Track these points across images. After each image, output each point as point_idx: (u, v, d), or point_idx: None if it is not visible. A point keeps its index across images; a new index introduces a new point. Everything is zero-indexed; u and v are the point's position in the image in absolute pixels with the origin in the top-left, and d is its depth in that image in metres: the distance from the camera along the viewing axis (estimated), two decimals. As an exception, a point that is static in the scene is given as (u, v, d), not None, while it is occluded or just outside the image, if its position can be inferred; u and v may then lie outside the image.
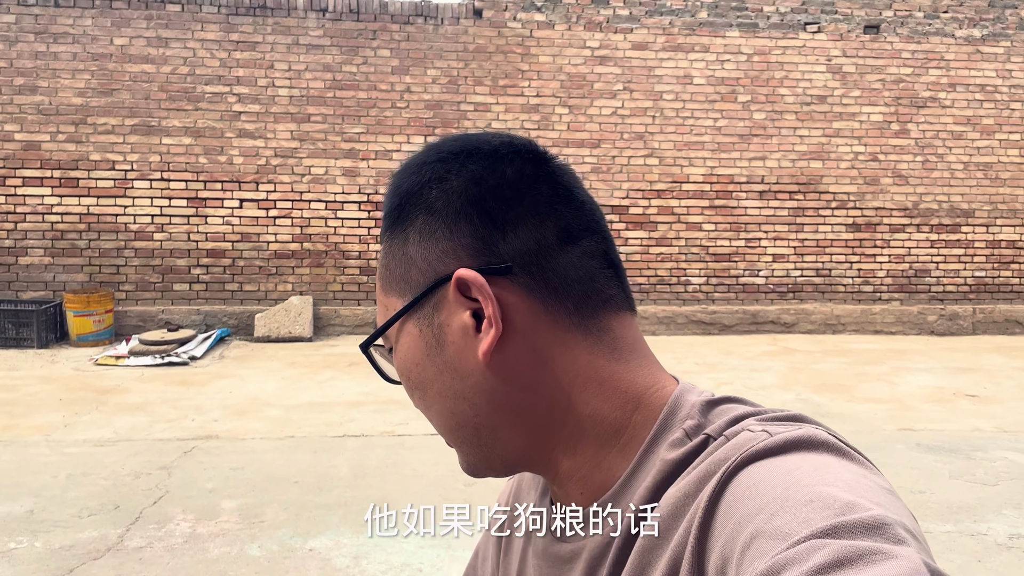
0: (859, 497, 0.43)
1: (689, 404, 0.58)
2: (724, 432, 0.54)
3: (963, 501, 3.64)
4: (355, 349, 4.12)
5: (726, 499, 0.49)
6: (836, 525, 0.41)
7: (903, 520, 0.42)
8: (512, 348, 0.58)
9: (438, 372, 0.59)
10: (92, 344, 7.08)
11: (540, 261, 0.58)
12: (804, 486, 0.45)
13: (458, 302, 0.58)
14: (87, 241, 7.50)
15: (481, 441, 0.61)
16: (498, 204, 0.59)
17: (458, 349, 0.58)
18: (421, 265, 0.60)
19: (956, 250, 8.52)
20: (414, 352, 0.60)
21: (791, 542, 0.41)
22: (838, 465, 0.48)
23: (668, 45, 8.02)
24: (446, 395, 0.60)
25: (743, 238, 8.26)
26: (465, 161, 0.61)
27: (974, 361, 7.06)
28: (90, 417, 4.95)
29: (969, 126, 8.40)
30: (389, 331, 0.62)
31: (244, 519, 3.41)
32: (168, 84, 7.48)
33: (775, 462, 0.49)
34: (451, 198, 0.60)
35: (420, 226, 0.60)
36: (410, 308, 0.60)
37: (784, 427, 0.52)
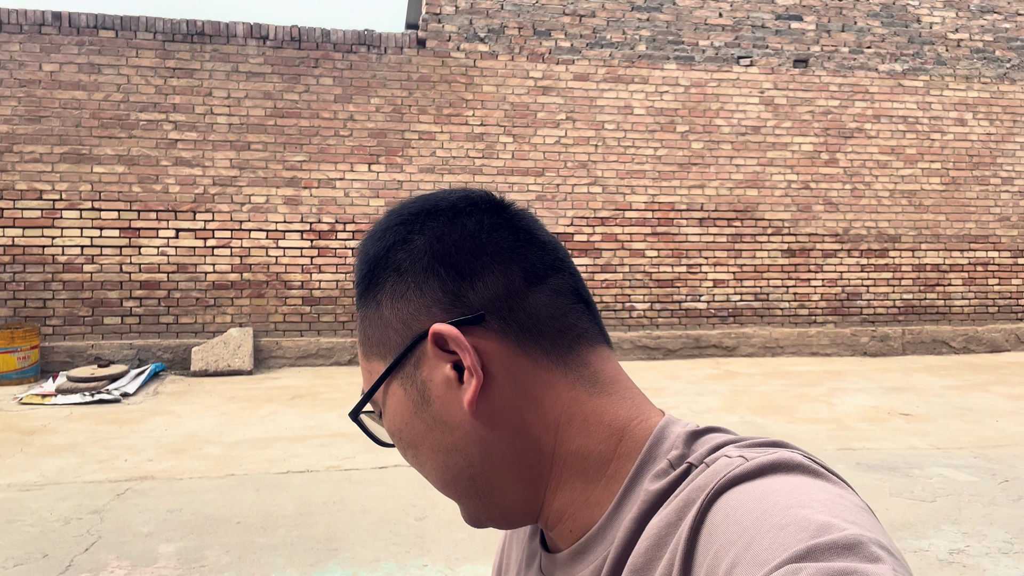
0: (834, 517, 0.44)
1: (674, 435, 0.59)
2: (704, 460, 0.55)
3: (904, 518, 3.74)
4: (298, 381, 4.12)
5: (706, 527, 0.49)
6: (811, 548, 0.41)
7: (878, 537, 0.43)
8: (496, 394, 0.59)
9: (427, 428, 0.60)
10: (16, 382, 6.71)
11: (511, 304, 0.59)
12: (780, 509, 0.45)
13: (437, 356, 0.59)
14: (11, 274, 7.15)
15: (478, 490, 0.61)
16: (462, 256, 0.61)
17: (444, 403, 0.59)
18: (397, 326, 0.61)
19: (885, 274, 8.87)
20: (402, 412, 0.61)
21: (768, 569, 0.42)
22: (812, 486, 0.48)
23: (609, 76, 8.20)
24: (438, 450, 0.60)
25: (684, 264, 8.43)
26: (426, 220, 0.62)
27: (905, 381, 7.33)
28: (14, 460, 4.67)
29: (893, 155, 8.81)
30: (376, 395, 0.63)
31: (183, 564, 3.25)
32: (100, 111, 7.25)
33: (751, 487, 0.49)
34: (416, 257, 0.61)
35: (390, 289, 0.62)
36: (392, 369, 0.61)
37: (760, 452, 0.53)
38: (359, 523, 3.73)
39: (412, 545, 3.50)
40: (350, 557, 3.35)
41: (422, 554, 3.40)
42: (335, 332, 7.72)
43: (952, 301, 9.00)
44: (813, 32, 8.62)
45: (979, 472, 4.48)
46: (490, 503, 0.61)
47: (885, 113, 8.76)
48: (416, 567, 3.28)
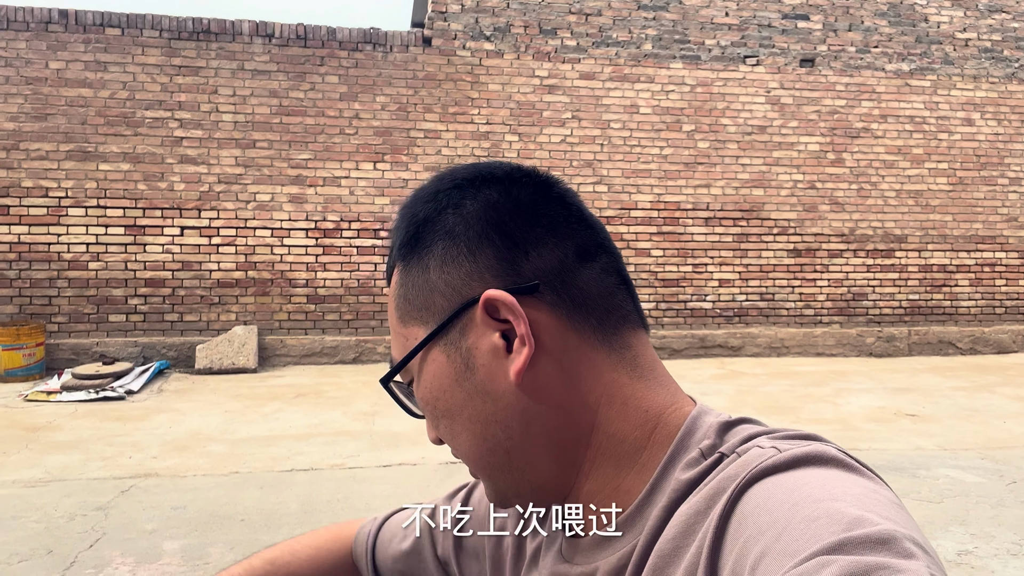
0: (867, 511, 0.43)
1: (706, 425, 0.59)
2: (736, 450, 0.55)
3: (911, 519, 3.72)
4: (303, 379, 4.10)
5: (736, 516, 0.49)
6: (844, 541, 0.41)
7: (912, 534, 0.42)
8: (542, 367, 0.58)
9: (468, 397, 0.59)
10: (22, 379, 6.73)
11: (563, 278, 0.59)
12: (812, 501, 0.45)
13: (486, 324, 0.58)
14: (17, 271, 7.17)
15: (513, 465, 0.60)
16: (518, 225, 0.60)
17: (489, 371, 0.58)
18: (444, 290, 0.60)
19: (891, 274, 8.83)
20: (441, 379, 0.60)
21: (799, 559, 0.41)
22: (847, 479, 0.48)
23: (615, 75, 8.18)
24: (477, 420, 0.59)
25: (690, 263, 8.40)
26: (480, 187, 0.62)
27: (911, 381, 7.30)
28: (19, 456, 4.68)
29: (900, 155, 8.77)
30: (411, 363, 0.61)
31: (187, 561, 3.25)
32: (106, 109, 7.26)
33: (784, 478, 0.49)
34: (470, 223, 0.60)
35: (440, 252, 0.60)
36: (436, 335, 0.59)
37: (793, 444, 0.53)
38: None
39: (416, 543, 3.48)
40: (354, 555, 3.34)
41: (426, 552, 3.39)
42: (340, 331, 7.71)
43: (959, 302, 8.96)
44: (820, 31, 8.59)
45: (986, 473, 4.45)
46: (522, 479, 0.60)
47: (892, 113, 8.72)
48: None
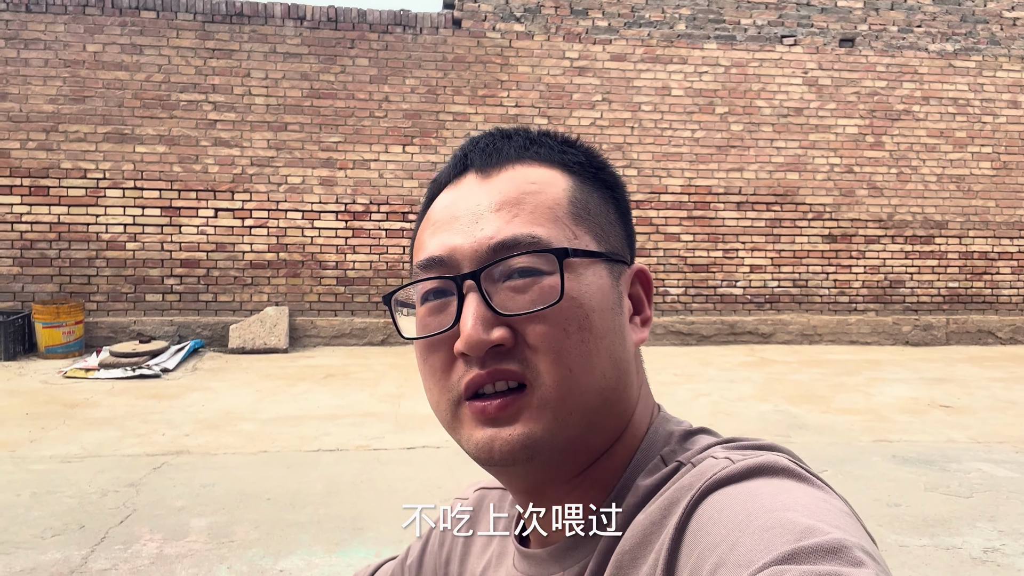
0: (818, 521, 0.44)
1: (666, 433, 0.61)
2: (692, 460, 0.56)
3: (938, 514, 3.65)
4: (332, 360, 4.10)
5: (691, 528, 0.49)
6: (795, 551, 0.41)
7: (861, 543, 0.43)
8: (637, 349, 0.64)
9: (611, 330, 0.59)
10: (61, 356, 6.94)
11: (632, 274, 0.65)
12: (764, 512, 0.46)
13: (627, 287, 0.63)
14: (57, 251, 7.36)
15: (593, 417, 0.58)
16: (628, 220, 0.67)
17: (626, 323, 0.62)
18: (619, 234, 0.64)
19: (930, 261, 8.62)
20: (605, 299, 0.59)
21: (753, 570, 0.42)
22: (797, 490, 0.49)
23: (646, 57, 8.06)
24: (610, 355, 0.58)
25: (721, 249, 8.29)
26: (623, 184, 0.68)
27: (948, 372, 7.13)
28: (57, 432, 4.83)
29: (942, 139, 8.51)
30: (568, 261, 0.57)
31: (213, 538, 3.33)
32: (142, 91, 7.38)
33: (737, 489, 0.50)
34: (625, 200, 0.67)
35: (618, 204, 0.65)
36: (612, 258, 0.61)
37: (746, 454, 0.53)
38: (385, 503, 3.78)
39: (436, 527, 3.52)
40: (375, 537, 3.40)
41: (445, 536, 3.43)
42: (368, 312, 7.79)
43: (1000, 290, 8.71)
44: (860, 10, 8.34)
45: (1020, 468, 4.34)
46: (587, 435, 0.58)
47: (934, 95, 8.46)
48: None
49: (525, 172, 0.61)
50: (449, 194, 0.63)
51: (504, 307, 0.55)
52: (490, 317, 0.55)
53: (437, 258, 0.58)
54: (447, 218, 0.60)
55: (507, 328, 0.55)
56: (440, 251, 0.59)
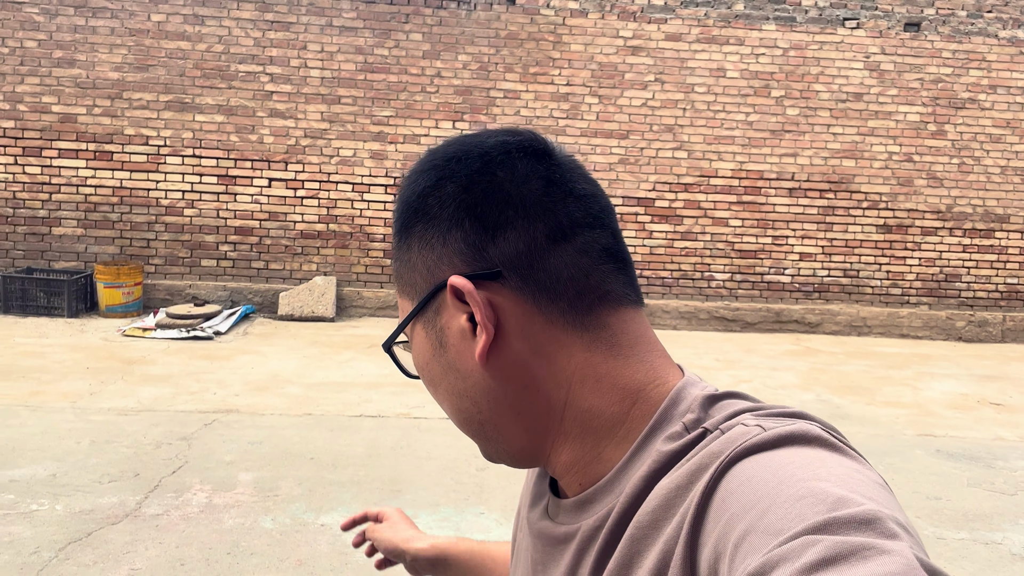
0: (851, 492, 0.43)
1: (690, 398, 0.58)
2: (720, 426, 0.54)
3: (980, 509, 3.59)
4: (376, 331, 4.30)
5: (719, 494, 0.48)
6: (828, 520, 0.41)
7: (895, 514, 0.42)
8: (507, 349, 0.59)
9: (444, 372, 0.63)
10: (120, 315, 7.22)
11: (531, 263, 0.59)
12: (796, 481, 0.45)
13: (455, 307, 0.60)
14: (119, 214, 7.64)
15: (487, 435, 0.64)
16: (488, 208, 0.60)
17: (458, 351, 0.61)
18: (423, 271, 0.62)
19: (989, 256, 8.35)
20: (423, 353, 0.64)
21: (784, 538, 0.41)
22: (831, 460, 0.48)
23: (702, 37, 7.93)
24: (452, 393, 0.63)
25: (770, 235, 8.17)
26: (456, 167, 0.62)
27: (1001, 369, 6.93)
28: (115, 387, 5.06)
29: (1008, 129, 8.20)
30: (406, 330, 0.65)
31: (259, 492, 3.48)
32: (203, 62, 7.56)
33: (768, 457, 0.48)
34: (444, 205, 0.61)
35: (419, 233, 0.62)
36: (416, 313, 0.63)
37: (777, 422, 0.52)
38: (423, 468, 3.88)
39: (471, 493, 3.61)
40: (411, 499, 3.50)
41: (480, 502, 3.51)
42: (414, 285, 7.90)
43: (1063, 288, 8.40)
44: (929, -7, 8.05)
45: (1071, 469, 4.23)
46: (499, 447, 0.64)
47: (1002, 83, 8.14)
48: (473, 514, 3.40)
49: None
50: None
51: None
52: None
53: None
54: None
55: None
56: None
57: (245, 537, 3.05)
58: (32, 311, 7.08)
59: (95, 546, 2.91)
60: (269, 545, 3.00)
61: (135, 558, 2.83)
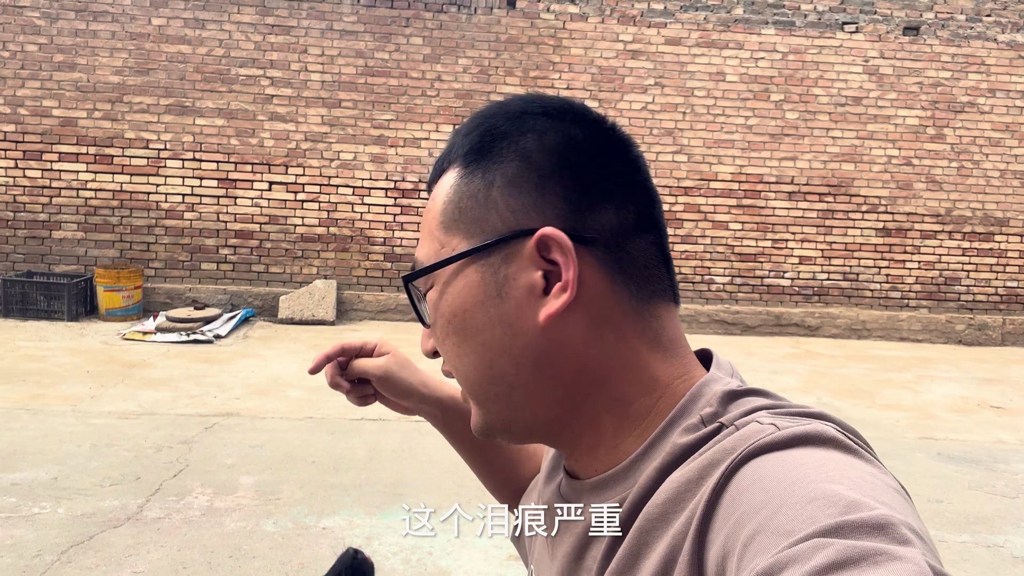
0: (864, 495, 0.43)
1: (710, 393, 0.59)
2: (735, 422, 0.54)
3: (981, 512, 3.59)
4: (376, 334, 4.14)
5: (730, 492, 0.48)
6: (840, 524, 0.40)
7: (908, 520, 0.42)
8: (572, 318, 0.58)
9: (489, 323, 0.59)
10: (120, 319, 7.22)
11: (618, 242, 0.59)
12: (809, 482, 0.44)
13: (532, 260, 0.58)
14: (119, 218, 7.64)
15: (512, 401, 0.61)
16: (592, 174, 0.60)
17: (519, 305, 0.58)
18: (503, 212, 0.59)
19: (988, 259, 8.36)
20: (468, 297, 0.59)
21: (794, 540, 0.41)
22: (845, 462, 0.47)
23: (702, 41, 7.95)
24: (490, 347, 0.59)
25: (770, 239, 8.18)
26: (569, 122, 0.61)
27: (1001, 372, 6.94)
28: (116, 390, 5.06)
29: (1008, 133, 8.22)
30: (439, 271, 0.61)
31: (260, 495, 3.47)
32: (203, 65, 7.57)
33: (781, 456, 0.48)
34: (548, 154, 0.60)
35: (510, 173, 0.59)
36: (477, 252, 0.59)
37: (793, 421, 0.52)
38: (424, 471, 3.88)
39: (474, 496, 3.60)
40: (413, 502, 3.50)
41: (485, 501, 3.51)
42: (414, 289, 7.90)
43: (1062, 292, 8.41)
44: (927, -3, 8.08)
45: (1071, 472, 4.23)
46: (519, 415, 0.61)
47: (1001, 87, 8.16)
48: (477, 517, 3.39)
49: (436, 187, 0.64)
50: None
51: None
52: (426, 330, 0.65)
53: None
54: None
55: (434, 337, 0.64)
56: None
57: (247, 540, 3.05)
58: (32, 315, 7.07)
59: (97, 549, 2.90)
60: (271, 548, 3.00)
61: (137, 561, 2.83)
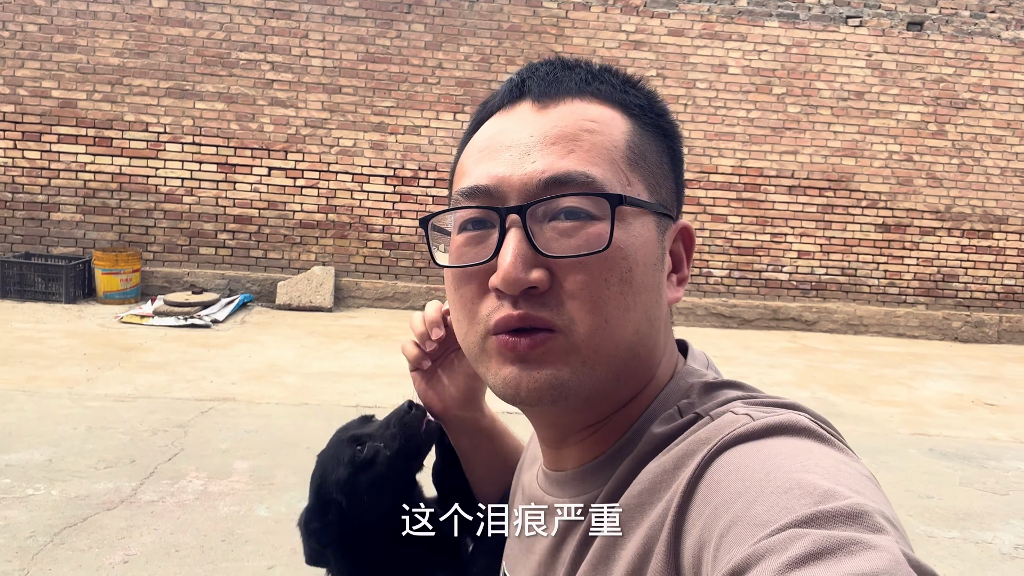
0: (838, 484, 0.43)
1: (687, 384, 0.60)
2: (711, 412, 0.54)
3: (971, 508, 3.61)
4: (374, 322, 4.03)
5: (705, 482, 0.48)
6: (815, 514, 0.40)
7: (882, 508, 0.42)
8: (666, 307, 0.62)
9: (655, 285, 0.58)
10: (118, 302, 7.22)
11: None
12: (784, 472, 0.44)
13: (670, 243, 0.61)
14: (118, 200, 7.63)
15: (621, 369, 0.57)
16: (681, 174, 0.64)
17: (665, 280, 0.60)
18: (670, 187, 0.62)
19: (987, 256, 8.36)
20: (648, 252, 0.57)
21: (770, 531, 0.41)
22: (819, 451, 0.48)
23: (705, 32, 7.92)
24: (645, 311, 0.57)
25: (769, 232, 8.17)
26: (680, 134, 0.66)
27: (996, 370, 6.96)
28: (112, 373, 5.07)
29: (1009, 130, 8.20)
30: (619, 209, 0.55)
31: (255, 480, 3.49)
32: (204, 49, 7.54)
33: (756, 446, 0.48)
34: (677, 149, 0.64)
35: (673, 155, 0.63)
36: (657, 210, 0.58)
37: (767, 412, 0.52)
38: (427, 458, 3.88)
39: (466, 485, 3.62)
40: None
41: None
42: (412, 277, 7.91)
43: (1060, 290, 8.41)
44: (932, -7, 8.03)
45: (1062, 470, 4.25)
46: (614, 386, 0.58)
47: (1004, 84, 8.13)
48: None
49: (585, 108, 0.58)
50: (499, 121, 0.60)
51: (547, 248, 0.54)
52: (531, 256, 0.54)
53: (483, 188, 0.56)
54: (496, 147, 0.58)
55: (546, 270, 0.54)
56: (486, 180, 0.56)
57: (240, 525, 3.06)
58: (30, 296, 7.07)
59: (90, 531, 2.92)
60: (264, 533, 3.02)
61: (130, 543, 2.85)
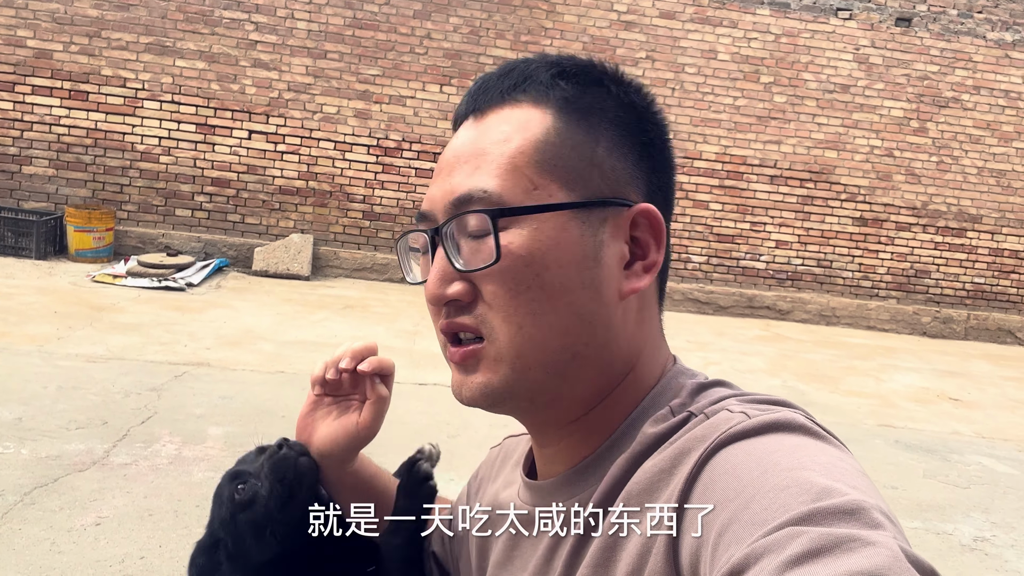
0: (835, 481, 0.43)
1: (678, 385, 0.59)
2: (705, 411, 0.54)
3: (933, 500, 3.71)
4: (352, 292, 3.98)
5: (703, 480, 0.49)
6: (813, 511, 0.41)
7: (879, 504, 0.42)
8: (634, 299, 0.59)
9: (580, 285, 0.56)
10: (91, 260, 7.08)
11: (669, 225, 0.61)
12: (780, 470, 0.45)
13: (623, 231, 0.57)
14: (93, 157, 7.45)
15: (564, 372, 0.57)
16: (665, 155, 0.62)
17: (608, 274, 0.57)
18: (608, 175, 0.58)
19: (959, 254, 8.51)
20: (564, 252, 0.55)
21: (768, 529, 0.41)
22: (815, 448, 0.48)
23: (696, 17, 7.89)
24: (573, 311, 0.56)
25: (748, 221, 8.24)
26: (656, 111, 0.63)
27: (962, 366, 7.12)
28: (84, 332, 4.99)
29: (988, 131, 8.32)
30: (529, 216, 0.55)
31: (229, 447, 3.47)
32: (186, 5, 7.35)
33: (752, 444, 0.49)
34: (645, 128, 0.61)
35: (614, 137, 0.59)
36: (582, 207, 0.56)
37: (762, 409, 0.52)
38: (395, 433, 3.86)
39: (443, 460, 3.62)
40: (382, 462, 3.51)
41: (450, 469, 3.53)
42: (391, 249, 7.85)
43: (1026, 291, 8.61)
44: (922, -11, 8.08)
45: (1021, 466, 4.38)
46: (559, 387, 0.57)
47: (986, 85, 8.23)
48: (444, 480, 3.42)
49: (507, 115, 0.58)
50: (452, 139, 0.62)
51: (466, 263, 0.56)
52: (449, 272, 0.57)
53: (423, 212, 0.60)
54: (438, 168, 0.61)
55: (467, 284, 0.56)
56: (425, 203, 0.60)
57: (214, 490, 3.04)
58: (-2, 251, 6.91)
59: (61, 492, 2.89)
60: (238, 500, 3.00)
61: (102, 506, 2.82)
